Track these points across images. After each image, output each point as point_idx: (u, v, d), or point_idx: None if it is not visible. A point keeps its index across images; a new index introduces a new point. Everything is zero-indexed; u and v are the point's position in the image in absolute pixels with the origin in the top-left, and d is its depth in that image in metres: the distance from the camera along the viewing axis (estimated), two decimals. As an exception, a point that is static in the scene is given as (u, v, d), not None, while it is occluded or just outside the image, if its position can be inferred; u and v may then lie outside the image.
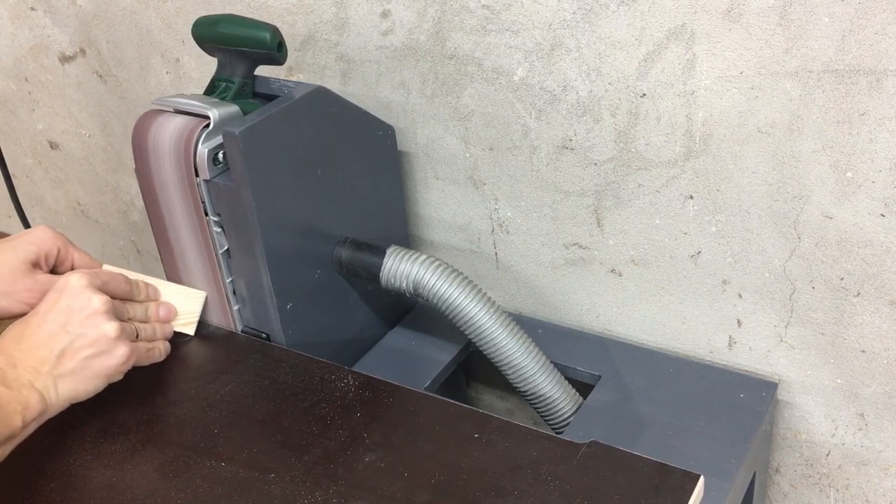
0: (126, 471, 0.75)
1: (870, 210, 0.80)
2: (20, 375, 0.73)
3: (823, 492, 0.99)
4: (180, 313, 0.90)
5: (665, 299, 0.97)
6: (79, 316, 0.77)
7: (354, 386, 0.81)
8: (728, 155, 0.84)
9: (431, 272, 0.89)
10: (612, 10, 0.83)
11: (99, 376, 0.77)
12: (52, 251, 0.86)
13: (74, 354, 0.76)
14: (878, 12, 0.72)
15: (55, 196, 1.56)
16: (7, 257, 0.83)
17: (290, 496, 0.70)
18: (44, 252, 0.85)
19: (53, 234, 0.86)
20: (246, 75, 0.90)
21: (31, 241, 0.85)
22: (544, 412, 0.92)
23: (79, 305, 0.77)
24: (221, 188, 0.84)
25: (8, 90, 1.47)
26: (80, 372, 0.76)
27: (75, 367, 0.76)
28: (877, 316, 0.85)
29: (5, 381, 0.72)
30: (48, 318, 0.77)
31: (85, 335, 0.76)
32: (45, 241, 0.85)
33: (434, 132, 1.02)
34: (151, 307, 0.88)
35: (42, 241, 0.85)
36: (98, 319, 0.77)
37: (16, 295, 0.82)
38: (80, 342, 0.76)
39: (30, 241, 0.85)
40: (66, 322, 0.76)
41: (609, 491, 0.67)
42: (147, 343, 0.84)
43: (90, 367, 0.76)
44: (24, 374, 0.73)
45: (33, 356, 0.74)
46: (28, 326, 0.77)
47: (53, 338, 0.76)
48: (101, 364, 0.77)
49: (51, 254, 0.86)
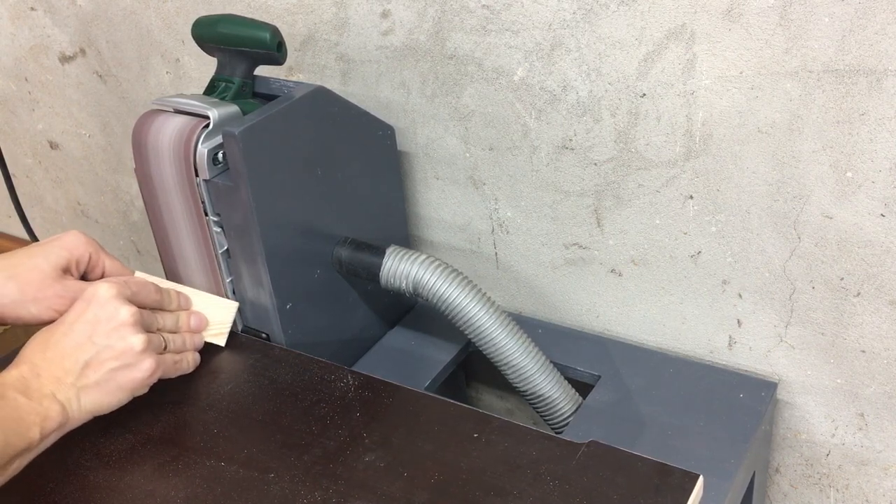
0: (126, 471, 0.75)
1: (870, 210, 0.80)
2: (43, 385, 0.72)
3: (823, 492, 0.99)
4: (212, 323, 0.88)
5: (665, 299, 0.97)
6: (105, 327, 0.76)
7: (354, 386, 0.81)
8: (728, 155, 0.84)
9: (431, 272, 0.89)
10: (612, 10, 0.83)
11: (123, 389, 0.76)
12: (83, 257, 0.85)
13: (99, 366, 0.75)
14: (878, 12, 0.72)
15: (55, 196, 1.56)
16: (38, 262, 0.82)
17: (289, 496, 0.70)
18: (75, 258, 0.84)
19: (86, 240, 0.85)
20: (246, 75, 0.90)
21: (63, 246, 0.84)
22: (544, 412, 0.92)
23: (106, 316, 0.76)
24: (221, 188, 0.84)
25: (8, 90, 1.47)
26: (105, 384, 0.75)
27: (99, 378, 0.74)
28: (877, 316, 0.85)
29: (27, 391, 0.71)
30: (74, 327, 0.76)
31: (111, 347, 0.75)
32: (78, 247, 0.84)
33: (434, 132, 1.02)
34: (182, 317, 0.86)
35: (74, 246, 0.84)
36: (125, 331, 0.76)
37: (45, 301, 0.81)
38: (106, 354, 0.75)
39: (61, 246, 0.84)
40: (92, 333, 0.75)
41: (609, 491, 0.67)
42: (175, 355, 0.82)
43: (114, 380, 0.75)
44: (46, 384, 0.72)
45: (58, 366, 0.73)
46: (53, 335, 0.76)
47: (79, 348, 0.75)
48: (126, 377, 0.76)
49: (82, 260, 0.85)
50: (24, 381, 0.71)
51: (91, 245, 0.86)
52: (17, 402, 0.69)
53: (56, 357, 0.74)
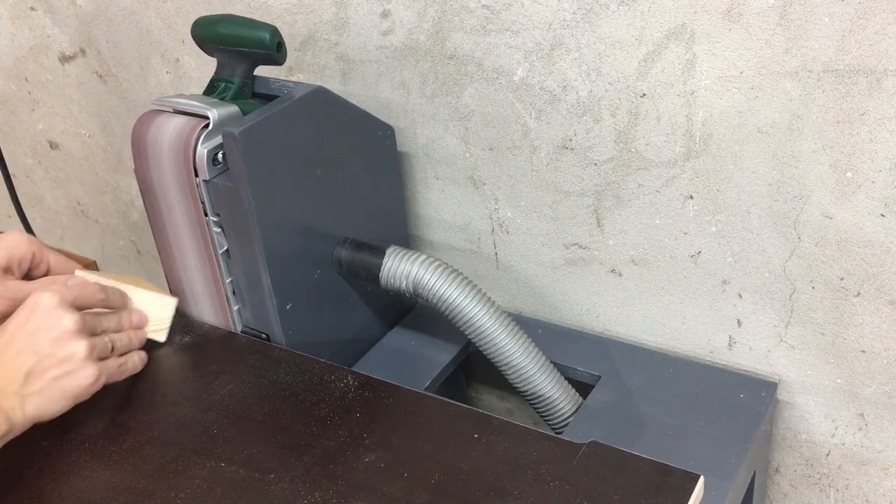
0: (126, 471, 0.75)
1: (870, 210, 0.80)
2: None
3: (823, 492, 0.99)
4: (151, 319, 0.88)
5: (665, 299, 0.97)
6: (48, 335, 0.75)
7: (354, 386, 0.81)
8: (728, 155, 0.84)
9: (431, 272, 0.89)
10: (612, 10, 0.83)
11: (66, 397, 0.76)
12: (25, 256, 0.85)
13: (42, 374, 0.74)
14: (878, 12, 0.72)
15: (55, 196, 1.56)
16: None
17: (289, 496, 0.70)
18: (16, 258, 0.84)
19: (27, 239, 0.85)
20: (245, 75, 0.90)
21: (3, 247, 0.84)
22: (544, 412, 0.92)
23: (48, 324, 0.75)
24: (221, 188, 0.84)
25: (8, 90, 1.47)
26: (47, 392, 0.74)
27: (43, 386, 0.74)
28: (877, 316, 0.85)
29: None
30: (17, 336, 0.75)
31: (53, 355, 0.75)
32: (19, 247, 0.85)
33: (434, 132, 1.02)
34: (124, 316, 0.85)
35: (14, 246, 0.84)
36: (67, 339, 0.76)
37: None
38: (48, 362, 0.75)
39: (1, 247, 0.84)
40: (34, 341, 0.75)
41: (609, 491, 0.67)
42: (119, 358, 0.82)
43: (57, 387, 0.75)
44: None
45: (2, 375, 0.73)
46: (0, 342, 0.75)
47: (21, 357, 0.74)
48: (69, 384, 0.75)
49: (24, 259, 0.85)
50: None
51: (33, 244, 0.86)
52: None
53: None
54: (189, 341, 0.91)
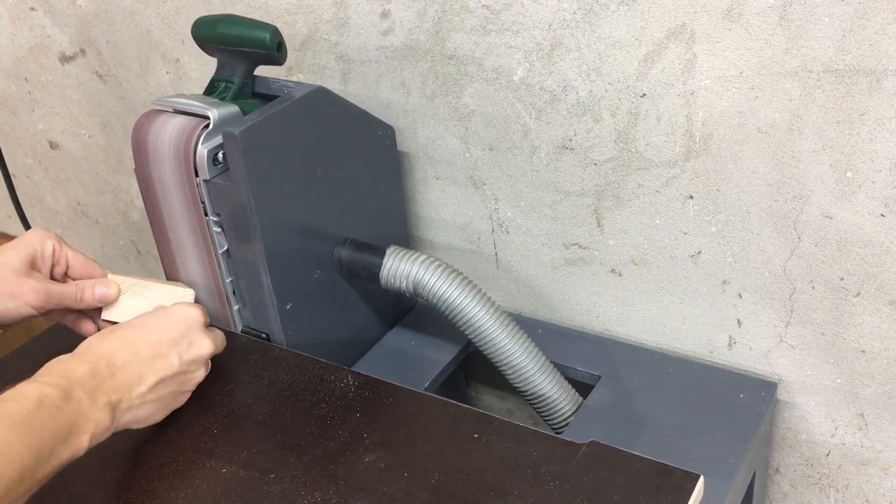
0: (126, 471, 0.75)
1: (870, 210, 0.80)
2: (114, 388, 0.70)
3: (823, 492, 0.99)
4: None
5: (665, 299, 0.97)
6: (189, 353, 0.76)
7: (354, 386, 0.81)
8: (728, 155, 0.84)
9: (431, 272, 0.89)
10: (612, 10, 0.83)
11: (168, 409, 0.76)
12: (47, 251, 0.85)
13: (168, 386, 0.75)
14: (878, 12, 0.72)
15: (55, 196, 1.56)
16: (7, 258, 0.83)
17: (289, 496, 0.70)
18: (40, 252, 0.85)
19: (47, 235, 0.86)
20: (245, 75, 0.90)
21: (27, 243, 0.85)
22: (544, 412, 0.92)
23: (192, 342, 0.76)
24: (221, 188, 0.84)
25: (8, 90, 1.47)
26: (161, 402, 0.75)
27: (162, 396, 0.74)
28: (877, 316, 0.85)
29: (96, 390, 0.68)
30: (162, 339, 0.75)
31: (186, 373, 0.76)
32: (41, 242, 0.85)
33: (434, 132, 1.02)
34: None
35: (38, 241, 0.85)
36: (201, 363, 0.78)
37: (22, 297, 0.82)
38: (179, 378, 0.75)
39: (25, 243, 0.85)
40: (177, 352, 0.75)
41: (609, 491, 0.67)
42: None
43: (167, 402, 0.76)
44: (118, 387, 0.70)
45: (136, 371, 0.72)
46: (138, 338, 0.74)
47: (161, 361, 0.74)
48: (176, 400, 0.77)
49: (46, 253, 0.85)
50: (98, 377, 0.69)
51: (53, 238, 0.86)
52: (80, 405, 0.66)
53: (135, 361, 0.72)
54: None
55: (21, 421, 0.61)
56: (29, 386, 0.64)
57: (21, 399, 0.62)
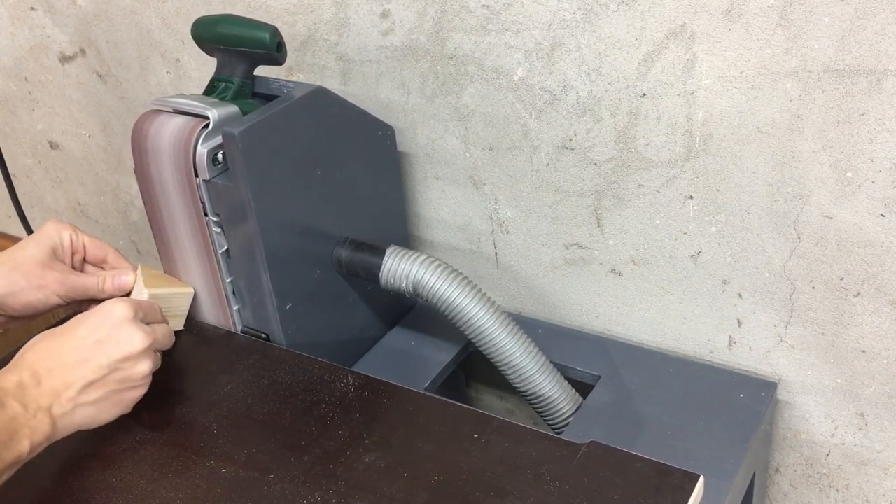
0: (126, 471, 0.75)
1: (870, 210, 0.80)
2: (41, 396, 0.70)
3: (823, 492, 0.99)
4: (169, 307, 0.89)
5: (665, 299, 0.97)
6: (118, 351, 0.75)
7: (354, 386, 0.81)
8: (728, 155, 0.84)
9: (431, 272, 0.89)
10: (612, 10, 0.83)
11: (116, 408, 0.76)
12: (66, 241, 0.88)
13: (102, 387, 0.74)
14: (878, 12, 0.72)
15: (55, 196, 1.56)
16: (31, 251, 0.85)
17: (289, 496, 0.70)
18: (59, 243, 0.87)
19: (63, 225, 0.89)
20: (245, 75, 0.90)
21: (47, 234, 0.87)
22: (544, 412, 0.92)
23: (119, 339, 0.75)
24: (221, 188, 0.84)
25: (8, 90, 1.47)
26: (101, 404, 0.74)
27: (99, 398, 0.74)
28: (877, 316, 0.85)
29: (24, 399, 0.69)
30: (85, 343, 0.74)
31: (119, 371, 0.75)
32: (59, 231, 0.88)
33: (434, 132, 1.02)
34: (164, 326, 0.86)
35: (55, 231, 0.88)
36: (135, 358, 0.76)
37: (49, 287, 0.84)
38: (112, 377, 0.75)
39: (45, 234, 0.87)
40: (103, 354, 0.74)
41: (608, 491, 0.67)
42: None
43: (111, 401, 0.75)
44: (45, 395, 0.71)
45: (60, 378, 0.72)
46: (61, 345, 0.74)
47: (86, 365, 0.73)
48: (124, 399, 0.76)
49: (65, 244, 0.88)
50: (24, 388, 0.70)
51: (69, 228, 0.89)
52: (14, 412, 0.68)
53: (62, 368, 0.73)
54: (189, 341, 0.91)
55: None
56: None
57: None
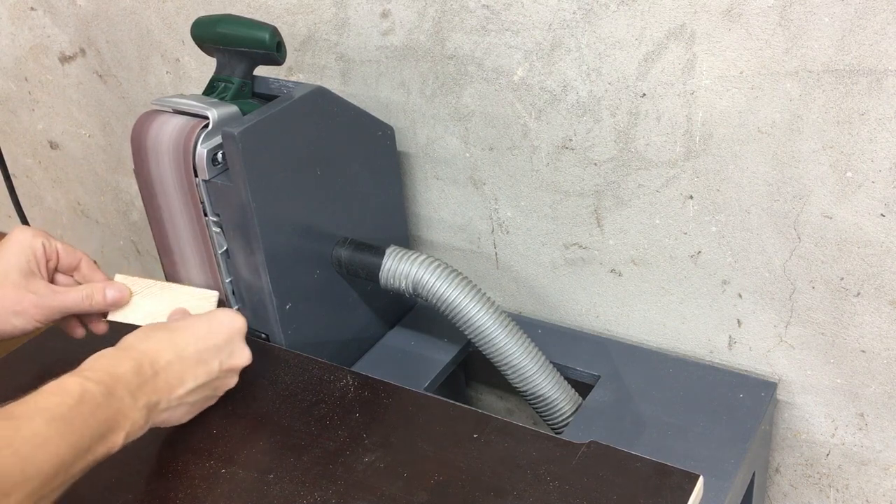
0: (126, 471, 0.75)
1: (870, 210, 0.80)
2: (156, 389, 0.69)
3: (823, 492, 0.99)
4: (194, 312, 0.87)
5: (665, 299, 0.97)
6: (230, 362, 0.76)
7: (354, 386, 0.81)
8: (728, 155, 0.84)
9: (431, 272, 0.89)
10: (612, 10, 0.83)
11: (191, 414, 0.76)
12: (38, 252, 0.83)
13: (204, 391, 0.75)
14: (878, 12, 0.72)
15: (55, 196, 1.56)
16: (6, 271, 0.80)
17: (289, 496, 0.70)
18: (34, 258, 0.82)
19: (34, 234, 0.83)
20: (245, 75, 0.90)
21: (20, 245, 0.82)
22: (544, 412, 0.92)
23: (233, 351, 0.76)
24: (220, 188, 0.84)
25: (8, 90, 1.47)
26: (194, 407, 0.75)
27: (197, 400, 0.75)
28: (877, 316, 0.85)
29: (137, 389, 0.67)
30: (206, 344, 0.74)
31: (221, 380, 0.76)
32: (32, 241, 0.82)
33: (434, 132, 1.02)
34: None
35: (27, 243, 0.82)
36: (236, 373, 0.78)
37: (27, 313, 0.80)
38: (215, 384, 0.76)
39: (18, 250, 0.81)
40: (218, 360, 0.75)
41: (608, 491, 0.67)
42: None
43: (199, 406, 0.76)
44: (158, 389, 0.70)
45: (177, 374, 0.72)
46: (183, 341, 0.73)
47: (204, 367, 0.74)
48: (203, 406, 0.77)
49: (39, 256, 0.82)
50: (141, 376, 0.68)
51: (40, 236, 0.83)
52: (122, 404, 0.66)
53: (179, 363, 0.72)
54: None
55: (61, 416, 0.60)
56: (72, 380, 0.64)
57: (63, 394, 0.62)
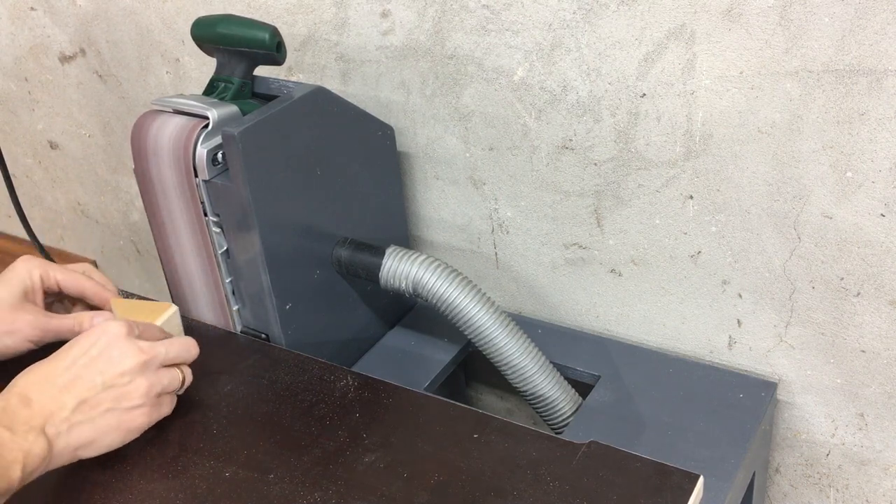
0: (126, 471, 0.75)
1: (870, 210, 0.80)
2: (32, 417, 0.69)
3: (823, 492, 0.99)
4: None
5: (665, 299, 0.97)
6: (111, 368, 0.73)
7: (354, 386, 0.81)
8: (728, 155, 0.84)
9: (431, 272, 0.89)
10: (612, 10, 0.83)
11: (117, 432, 0.73)
12: (35, 280, 0.84)
13: (96, 406, 0.72)
14: (878, 12, 0.72)
15: (55, 196, 1.56)
16: (1, 295, 0.81)
17: (289, 496, 0.70)
18: (30, 284, 0.83)
19: (33, 263, 0.84)
20: (245, 75, 0.90)
21: (16, 275, 0.83)
22: (544, 412, 0.92)
23: (111, 356, 0.73)
24: (220, 188, 0.84)
25: (8, 90, 1.47)
26: (97, 423, 0.72)
27: (94, 417, 0.71)
28: (877, 316, 0.85)
29: (12, 424, 0.67)
30: (78, 362, 0.73)
31: (114, 388, 0.72)
32: (30, 272, 0.84)
33: (434, 132, 1.02)
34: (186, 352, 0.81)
35: (25, 272, 0.83)
36: (130, 375, 0.73)
37: (20, 332, 0.81)
38: (108, 394, 0.72)
39: (14, 275, 0.83)
40: (95, 371, 0.72)
41: (608, 491, 0.67)
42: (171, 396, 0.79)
43: (107, 421, 0.72)
44: (36, 415, 0.69)
45: (52, 399, 0.70)
46: (54, 369, 0.72)
47: (78, 384, 0.71)
48: (122, 420, 0.73)
49: (35, 284, 0.84)
50: (11, 412, 0.68)
51: (38, 266, 0.84)
52: (1, 439, 0.66)
53: (52, 389, 0.71)
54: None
55: None
56: None
57: None
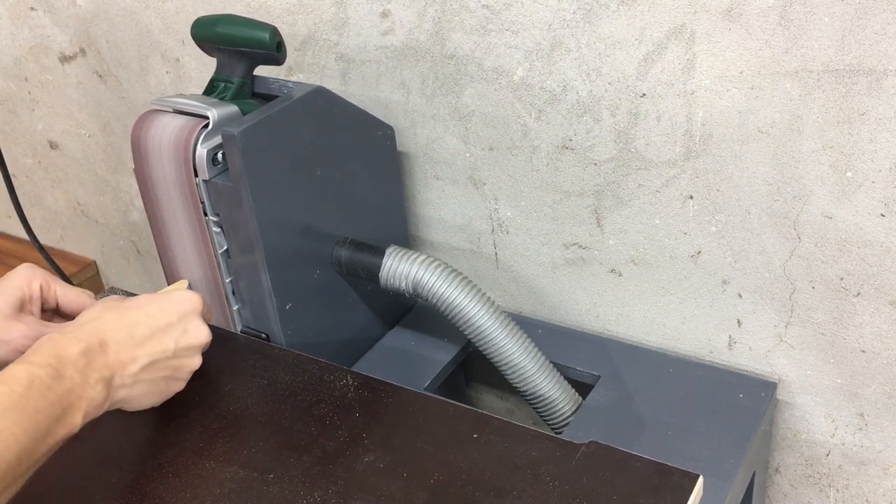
0: (126, 471, 0.75)
1: (870, 210, 0.80)
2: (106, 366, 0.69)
3: (823, 492, 0.99)
4: None
5: (665, 299, 0.97)
6: (186, 340, 0.75)
7: (354, 386, 0.81)
8: (728, 155, 0.84)
9: (431, 272, 0.89)
10: (612, 10, 0.83)
11: (158, 395, 0.75)
12: (35, 291, 0.82)
13: (161, 370, 0.74)
14: (878, 12, 0.72)
15: (55, 196, 1.56)
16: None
17: (288, 496, 0.70)
18: (28, 294, 0.82)
19: (34, 273, 0.83)
20: (245, 75, 0.90)
21: (15, 284, 0.82)
22: (544, 412, 0.92)
23: (187, 328, 0.75)
24: (220, 188, 0.84)
25: (8, 90, 1.47)
26: (152, 385, 0.74)
27: (154, 378, 0.73)
28: (877, 316, 0.85)
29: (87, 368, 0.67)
30: (158, 322, 0.74)
31: (178, 359, 0.75)
32: (29, 283, 0.82)
33: (434, 132, 1.02)
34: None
35: (25, 283, 0.82)
36: (196, 351, 0.77)
37: (12, 343, 0.79)
38: (172, 363, 0.74)
39: (13, 284, 0.81)
40: (171, 337, 0.74)
41: (608, 491, 0.67)
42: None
43: (158, 386, 0.74)
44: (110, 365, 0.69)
45: (129, 352, 0.71)
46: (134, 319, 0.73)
47: (156, 344, 0.73)
48: (168, 387, 0.75)
49: (34, 294, 0.82)
50: (90, 356, 0.68)
51: (39, 277, 0.83)
52: (72, 384, 0.65)
53: (129, 341, 0.72)
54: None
55: (13, 404, 0.61)
56: (18, 367, 0.64)
57: (11, 382, 0.62)
